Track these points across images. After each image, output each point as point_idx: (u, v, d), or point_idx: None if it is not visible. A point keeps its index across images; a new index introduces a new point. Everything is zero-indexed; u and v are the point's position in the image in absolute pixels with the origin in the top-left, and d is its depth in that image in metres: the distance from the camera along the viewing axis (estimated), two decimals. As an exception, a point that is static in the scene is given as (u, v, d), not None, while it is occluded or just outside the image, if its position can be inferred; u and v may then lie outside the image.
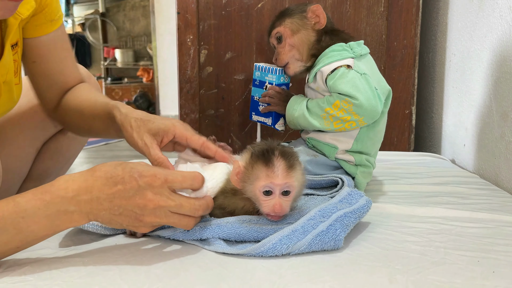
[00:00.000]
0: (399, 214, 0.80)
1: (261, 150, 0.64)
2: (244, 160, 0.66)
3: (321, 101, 0.92)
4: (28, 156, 0.97)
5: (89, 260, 0.61)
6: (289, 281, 0.54)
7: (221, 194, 0.69)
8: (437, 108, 1.51)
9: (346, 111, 0.88)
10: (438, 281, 0.53)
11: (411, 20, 1.37)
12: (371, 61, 0.97)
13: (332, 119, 0.90)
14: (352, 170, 0.95)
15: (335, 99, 0.88)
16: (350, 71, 0.88)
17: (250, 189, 0.64)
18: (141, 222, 0.58)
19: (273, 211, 0.64)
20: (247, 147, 0.68)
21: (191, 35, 1.38)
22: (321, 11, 0.97)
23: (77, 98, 0.86)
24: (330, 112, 0.89)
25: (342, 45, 0.93)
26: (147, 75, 4.90)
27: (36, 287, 0.54)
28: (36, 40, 0.81)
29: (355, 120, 0.88)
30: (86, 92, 0.87)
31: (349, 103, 0.87)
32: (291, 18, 0.98)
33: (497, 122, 1.08)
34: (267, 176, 0.62)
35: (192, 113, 1.42)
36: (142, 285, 0.54)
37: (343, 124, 0.90)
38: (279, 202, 0.63)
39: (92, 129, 0.85)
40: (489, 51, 1.13)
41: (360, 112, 0.87)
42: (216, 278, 0.56)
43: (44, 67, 0.84)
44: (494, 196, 0.93)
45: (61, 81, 0.87)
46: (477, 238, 0.68)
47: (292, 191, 0.64)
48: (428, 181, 1.06)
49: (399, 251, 0.63)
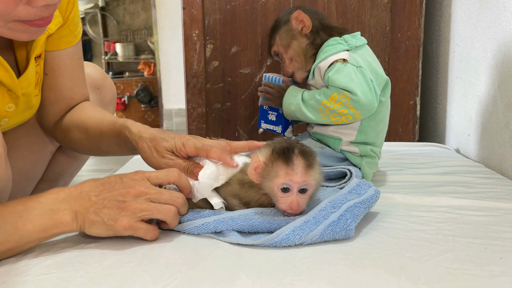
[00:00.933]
0: (407, 204, 0.82)
1: (282, 147, 0.65)
2: (265, 156, 0.67)
3: (317, 93, 0.93)
4: (42, 159, 0.98)
5: (109, 252, 0.63)
6: (303, 270, 0.56)
7: (238, 184, 0.71)
8: (441, 99, 1.52)
9: (343, 104, 0.89)
10: (448, 267, 0.55)
11: (415, 11, 1.38)
12: (368, 51, 0.98)
13: (328, 112, 0.91)
14: (357, 161, 0.97)
15: (332, 92, 0.90)
16: (346, 65, 0.90)
17: (268, 185, 0.66)
18: (123, 211, 0.61)
19: (290, 208, 0.65)
20: (268, 143, 0.70)
21: (197, 30, 1.39)
22: (303, 15, 0.98)
23: (81, 115, 0.85)
24: (327, 105, 0.90)
25: (336, 39, 0.95)
26: (148, 68, 4.90)
27: (61, 279, 0.56)
28: (54, 53, 0.82)
29: (352, 114, 0.90)
30: (91, 110, 0.87)
31: (347, 97, 0.88)
32: (279, 33, 1.01)
33: (501, 111, 1.10)
34: (286, 173, 0.64)
35: (198, 107, 1.43)
36: (163, 275, 0.56)
37: (340, 117, 0.91)
38: (296, 199, 0.65)
39: (100, 148, 0.84)
40: (493, 41, 1.14)
41: (357, 106, 0.88)
42: (233, 268, 0.58)
43: (55, 81, 0.84)
44: (499, 184, 0.94)
45: (68, 97, 0.87)
46: (484, 226, 0.70)
47: (309, 189, 0.66)
48: (434, 171, 1.07)
49: (409, 239, 0.65)
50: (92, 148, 0.86)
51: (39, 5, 0.58)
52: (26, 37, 0.64)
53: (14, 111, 0.76)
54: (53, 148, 0.99)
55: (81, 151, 0.92)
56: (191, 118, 1.42)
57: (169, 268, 0.58)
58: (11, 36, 0.62)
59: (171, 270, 0.58)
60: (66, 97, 0.87)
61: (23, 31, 0.62)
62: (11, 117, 0.77)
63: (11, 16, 0.58)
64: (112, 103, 1.05)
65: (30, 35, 0.63)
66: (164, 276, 0.56)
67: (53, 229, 0.60)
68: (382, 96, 0.94)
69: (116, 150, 0.82)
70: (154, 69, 4.78)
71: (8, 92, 0.73)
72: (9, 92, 0.73)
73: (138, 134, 0.75)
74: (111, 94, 1.03)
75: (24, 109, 0.79)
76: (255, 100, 1.45)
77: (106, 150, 0.84)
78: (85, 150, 0.90)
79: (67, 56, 0.83)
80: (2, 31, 0.61)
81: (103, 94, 1.01)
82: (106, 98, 1.02)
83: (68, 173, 1.06)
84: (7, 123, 0.78)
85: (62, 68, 0.84)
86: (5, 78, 0.71)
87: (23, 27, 0.61)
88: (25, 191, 0.97)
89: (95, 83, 0.98)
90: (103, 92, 1.01)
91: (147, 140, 0.74)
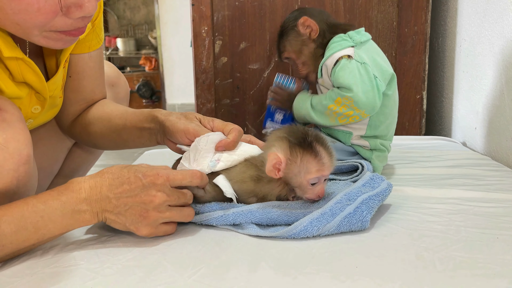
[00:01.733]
0: (417, 196, 0.84)
1: (300, 139, 0.67)
2: (283, 151, 0.68)
3: (323, 98, 0.95)
4: (60, 155, 1.00)
5: (132, 244, 0.66)
6: (322, 260, 0.59)
7: (252, 180, 0.72)
8: (447, 93, 1.54)
9: (348, 107, 0.91)
10: (462, 256, 0.57)
11: (422, 6, 1.39)
12: (373, 47, 1.00)
13: (336, 115, 0.94)
14: (367, 155, 0.99)
15: (336, 96, 0.92)
16: (351, 62, 0.92)
17: (297, 180, 0.68)
18: (145, 219, 0.63)
19: (318, 197, 0.69)
20: (277, 135, 0.71)
21: (206, 26, 1.40)
22: (309, 21, 1.00)
23: (105, 109, 0.87)
24: (334, 109, 0.93)
25: (341, 36, 0.97)
26: (149, 63, 4.90)
27: (88, 270, 0.58)
28: (79, 56, 0.83)
29: (358, 114, 0.92)
30: (113, 104, 0.89)
31: (350, 99, 0.90)
32: (288, 40, 1.03)
33: (508, 105, 1.12)
34: (318, 170, 0.67)
35: (208, 102, 1.45)
36: (186, 266, 0.58)
37: (347, 119, 0.93)
38: (323, 188, 0.69)
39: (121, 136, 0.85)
40: (500, 36, 1.16)
41: (360, 106, 0.91)
42: (254, 258, 0.60)
43: (78, 83, 0.86)
44: (507, 177, 0.96)
45: (89, 98, 0.89)
46: (494, 217, 0.72)
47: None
48: (442, 164, 1.09)
49: (422, 230, 0.67)
50: (111, 137, 0.86)
51: (76, 16, 0.60)
52: (60, 45, 0.65)
53: (39, 113, 0.79)
54: (70, 144, 1.01)
55: (99, 144, 0.91)
56: (201, 113, 1.44)
57: (192, 259, 0.60)
58: (44, 44, 0.64)
59: (194, 261, 0.60)
60: (87, 98, 0.89)
61: (57, 40, 0.63)
62: (36, 118, 0.80)
63: (48, 26, 0.60)
64: (126, 100, 1.07)
65: (64, 43, 0.65)
66: (188, 266, 0.58)
67: (74, 226, 0.62)
68: (388, 90, 0.96)
69: (137, 135, 0.83)
70: (155, 64, 4.78)
71: (36, 94, 0.76)
72: (37, 95, 0.76)
73: (168, 113, 0.77)
74: (124, 91, 1.05)
75: (48, 110, 0.81)
76: (263, 96, 1.47)
77: (126, 137, 0.84)
78: (104, 142, 0.89)
79: (91, 59, 0.85)
80: (38, 40, 0.63)
81: (117, 91, 1.03)
82: (120, 95, 1.04)
83: (83, 168, 1.08)
84: (31, 124, 0.81)
85: (86, 71, 0.85)
86: (35, 82, 0.73)
87: (58, 36, 0.63)
88: (43, 186, 0.99)
89: (110, 81, 1.00)
90: (117, 89, 1.02)
91: (177, 114, 0.77)
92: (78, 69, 0.84)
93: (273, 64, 1.45)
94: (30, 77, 0.71)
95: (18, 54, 0.67)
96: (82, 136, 0.91)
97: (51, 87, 0.77)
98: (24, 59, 0.68)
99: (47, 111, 0.81)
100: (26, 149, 0.63)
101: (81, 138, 0.93)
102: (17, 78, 0.70)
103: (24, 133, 0.64)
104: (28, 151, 0.64)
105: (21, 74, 0.70)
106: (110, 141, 0.88)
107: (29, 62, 0.69)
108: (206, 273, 0.56)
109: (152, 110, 0.80)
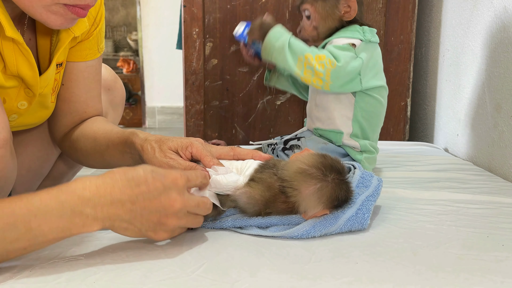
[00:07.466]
0: (408, 198, 0.87)
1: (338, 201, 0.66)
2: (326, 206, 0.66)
3: (306, 45, 0.95)
4: (50, 157, 0.97)
5: (131, 241, 0.65)
6: (323, 256, 0.60)
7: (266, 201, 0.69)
8: (430, 100, 1.59)
9: (324, 67, 0.91)
10: (456, 253, 0.60)
11: (408, 16, 1.44)
12: (376, 51, 1.02)
13: (305, 66, 0.92)
14: (357, 157, 1.01)
15: (323, 53, 0.93)
16: (351, 49, 0.95)
17: (311, 212, 0.66)
18: (163, 225, 0.58)
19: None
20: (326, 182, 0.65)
21: (197, 28, 1.41)
22: (354, 3, 0.99)
23: (92, 126, 0.84)
24: (309, 60, 0.92)
25: (356, 27, 1.00)
26: (127, 66, 4.84)
27: (88, 265, 0.58)
28: (74, 64, 0.82)
29: (324, 80, 0.92)
30: (102, 123, 0.86)
31: (333, 65, 0.91)
32: (324, 2, 1.00)
33: (490, 113, 1.16)
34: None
35: (197, 104, 1.45)
36: (188, 262, 0.58)
37: (312, 77, 0.93)
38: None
39: (104, 157, 0.81)
40: (483, 47, 1.21)
41: (333, 76, 0.91)
42: (255, 255, 0.60)
43: (71, 93, 0.84)
44: (490, 181, 1.01)
45: (81, 110, 0.86)
46: (482, 217, 0.75)
47: None
48: (428, 168, 1.13)
49: (416, 229, 0.69)
50: (95, 157, 0.83)
51: None
52: (59, 23, 0.64)
53: (25, 110, 0.77)
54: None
55: (83, 161, 0.88)
56: (189, 114, 1.44)
57: (193, 255, 0.60)
58: (45, 19, 0.63)
59: (195, 257, 0.60)
60: (79, 109, 0.86)
61: (60, 15, 0.63)
62: (21, 114, 0.78)
63: None
64: (121, 105, 1.06)
65: (63, 21, 0.64)
66: (190, 262, 0.58)
67: (72, 231, 0.54)
68: (374, 93, 1.00)
69: (119, 158, 0.79)
70: (133, 67, 4.72)
71: (25, 90, 0.74)
72: (26, 90, 0.74)
73: (144, 138, 0.73)
74: (121, 96, 1.04)
75: (36, 110, 0.79)
76: (252, 98, 1.48)
77: (109, 159, 0.80)
78: (89, 161, 0.86)
79: (86, 69, 0.83)
80: (40, 13, 0.62)
81: (113, 95, 1.01)
82: (116, 99, 1.02)
83: (72, 172, 1.06)
84: (16, 120, 0.79)
85: (79, 80, 0.83)
86: (29, 75, 0.71)
87: (62, 10, 0.62)
88: (32, 188, 0.97)
89: (106, 84, 0.98)
90: (113, 93, 1.01)
91: (152, 141, 0.72)
92: (71, 77, 0.82)
93: (262, 68, 1.47)
94: (24, 69, 0.70)
95: (19, 38, 0.66)
96: (70, 152, 0.88)
97: (42, 84, 0.75)
98: (22, 45, 0.67)
99: (35, 110, 0.79)
100: (3, 132, 0.61)
101: (69, 154, 0.89)
102: (11, 70, 0.69)
103: (1, 117, 0.62)
104: (4, 135, 0.62)
105: (16, 66, 0.69)
106: (94, 161, 0.85)
107: (26, 51, 0.68)
108: (209, 268, 0.57)
109: (130, 133, 0.75)
